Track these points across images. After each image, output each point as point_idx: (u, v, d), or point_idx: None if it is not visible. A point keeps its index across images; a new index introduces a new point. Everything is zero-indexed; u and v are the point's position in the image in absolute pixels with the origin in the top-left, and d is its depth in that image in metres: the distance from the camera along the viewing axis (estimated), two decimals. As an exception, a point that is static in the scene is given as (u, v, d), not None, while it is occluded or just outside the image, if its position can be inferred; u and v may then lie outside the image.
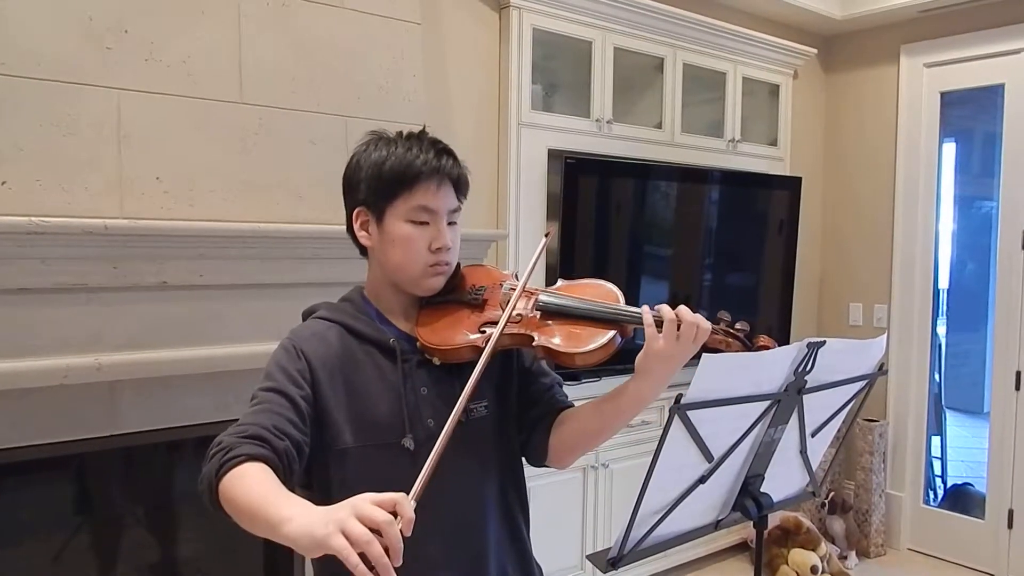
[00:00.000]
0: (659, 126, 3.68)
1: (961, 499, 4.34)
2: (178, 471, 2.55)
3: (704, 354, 1.18)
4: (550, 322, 1.34)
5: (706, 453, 1.24)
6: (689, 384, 1.19)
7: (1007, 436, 3.91)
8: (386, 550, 0.95)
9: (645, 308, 1.28)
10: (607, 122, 3.42)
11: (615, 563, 1.24)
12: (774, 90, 4.24)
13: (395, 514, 0.98)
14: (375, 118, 2.59)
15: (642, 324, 1.27)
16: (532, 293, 1.38)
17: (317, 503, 1.17)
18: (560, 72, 3.50)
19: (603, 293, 1.39)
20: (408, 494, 1.02)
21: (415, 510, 1.01)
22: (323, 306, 1.43)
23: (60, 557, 2.29)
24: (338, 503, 1.00)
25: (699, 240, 3.86)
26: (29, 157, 2.00)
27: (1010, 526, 3.90)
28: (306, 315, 1.44)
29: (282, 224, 2.33)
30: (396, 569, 1.07)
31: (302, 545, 0.99)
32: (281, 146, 2.41)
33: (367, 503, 0.98)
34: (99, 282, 2.06)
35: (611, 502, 3.43)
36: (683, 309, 1.25)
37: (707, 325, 1.25)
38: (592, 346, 1.29)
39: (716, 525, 1.40)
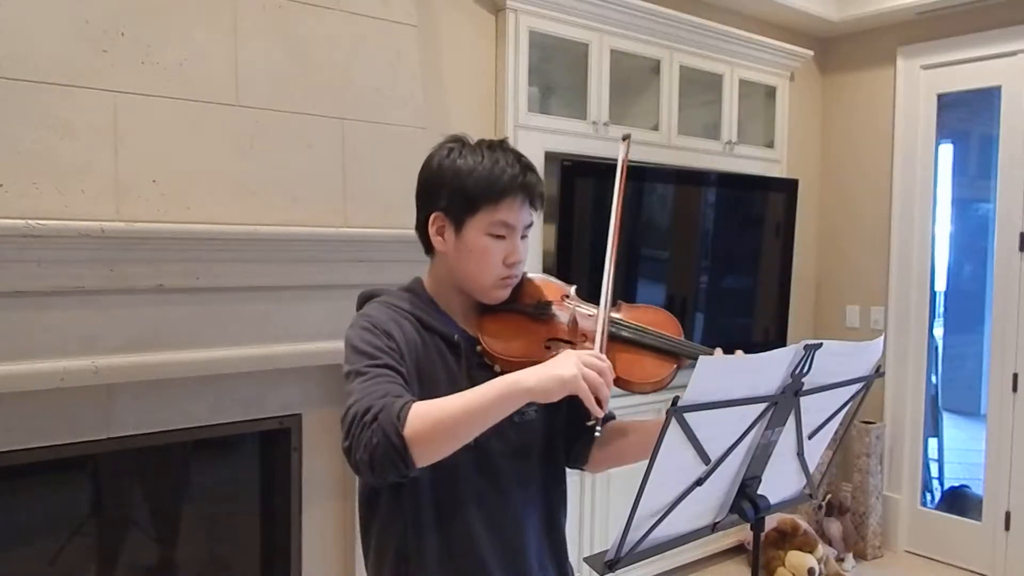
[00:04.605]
0: (656, 128, 3.69)
1: (958, 501, 4.34)
2: (175, 474, 2.54)
3: (701, 356, 1.18)
4: (615, 347, 1.37)
5: (703, 455, 1.23)
6: (686, 386, 1.19)
7: (1004, 438, 3.91)
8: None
9: (717, 352, 1.31)
10: (604, 124, 3.42)
11: (612, 565, 1.24)
12: (771, 92, 4.24)
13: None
14: (372, 120, 2.59)
15: None
16: (597, 315, 1.39)
17: (381, 494, 1.35)
18: (556, 74, 3.50)
19: (665, 322, 1.43)
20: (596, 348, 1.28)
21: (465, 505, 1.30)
22: (387, 292, 1.44)
23: (57, 560, 2.29)
24: (557, 357, 1.21)
25: (696, 242, 3.86)
26: (25, 160, 1.99)
27: (1007, 528, 3.90)
28: (364, 298, 1.45)
29: (279, 227, 2.33)
30: (447, 559, 1.36)
31: (549, 388, 1.17)
32: (277, 149, 2.40)
33: (586, 355, 1.21)
34: (96, 285, 2.05)
35: (608, 504, 3.42)
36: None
37: None
38: (655, 378, 1.35)
39: (713, 527, 1.40)
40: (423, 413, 1.17)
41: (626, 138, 1.48)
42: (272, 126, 2.39)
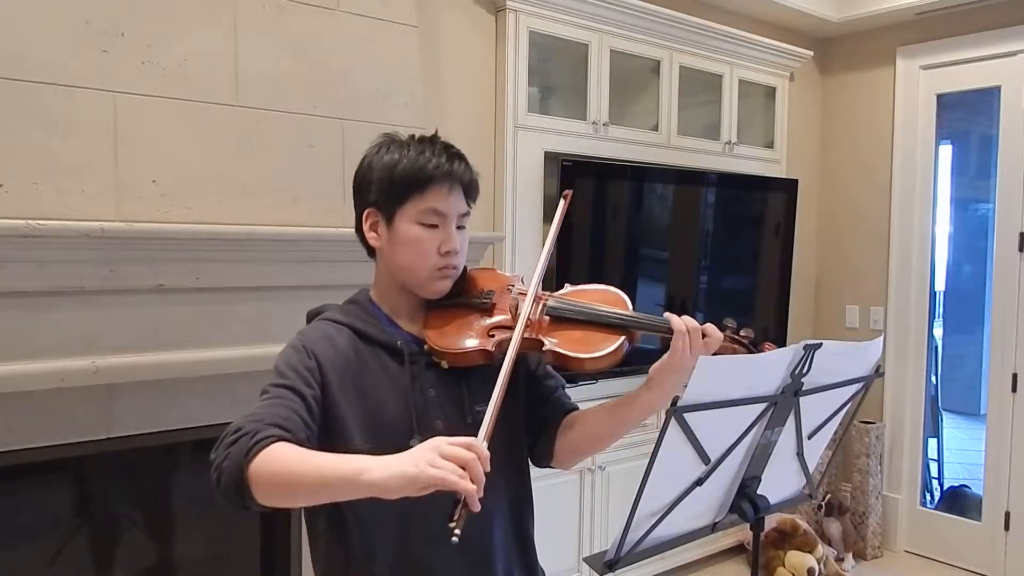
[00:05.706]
0: (655, 128, 3.69)
1: (958, 501, 4.35)
2: (175, 474, 2.54)
3: (701, 356, 1.19)
4: (560, 327, 1.35)
5: (703, 455, 1.24)
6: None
7: (1004, 438, 3.91)
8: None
9: (672, 318, 1.30)
10: (603, 124, 3.42)
11: (612, 565, 1.24)
12: (770, 92, 4.24)
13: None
14: (372, 121, 2.59)
15: (654, 332, 1.31)
16: (541, 298, 1.39)
17: (327, 508, 1.28)
18: (556, 74, 3.50)
19: (611, 299, 1.41)
20: (481, 433, 1.12)
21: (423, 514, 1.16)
22: (330, 308, 1.43)
23: (56, 561, 2.29)
24: (417, 447, 1.06)
25: (695, 243, 3.86)
26: (26, 160, 1.99)
27: (1007, 528, 3.90)
28: (311, 316, 1.44)
29: (279, 227, 2.33)
30: (405, 570, 1.29)
31: (391, 487, 1.03)
32: (278, 149, 2.41)
33: (447, 444, 1.05)
34: (96, 285, 2.05)
35: (608, 504, 3.42)
36: (693, 321, 1.30)
37: (719, 334, 1.30)
38: (603, 352, 1.31)
39: (713, 527, 1.40)
40: (274, 457, 1.11)
41: (565, 196, 1.51)
42: (272, 126, 2.39)
